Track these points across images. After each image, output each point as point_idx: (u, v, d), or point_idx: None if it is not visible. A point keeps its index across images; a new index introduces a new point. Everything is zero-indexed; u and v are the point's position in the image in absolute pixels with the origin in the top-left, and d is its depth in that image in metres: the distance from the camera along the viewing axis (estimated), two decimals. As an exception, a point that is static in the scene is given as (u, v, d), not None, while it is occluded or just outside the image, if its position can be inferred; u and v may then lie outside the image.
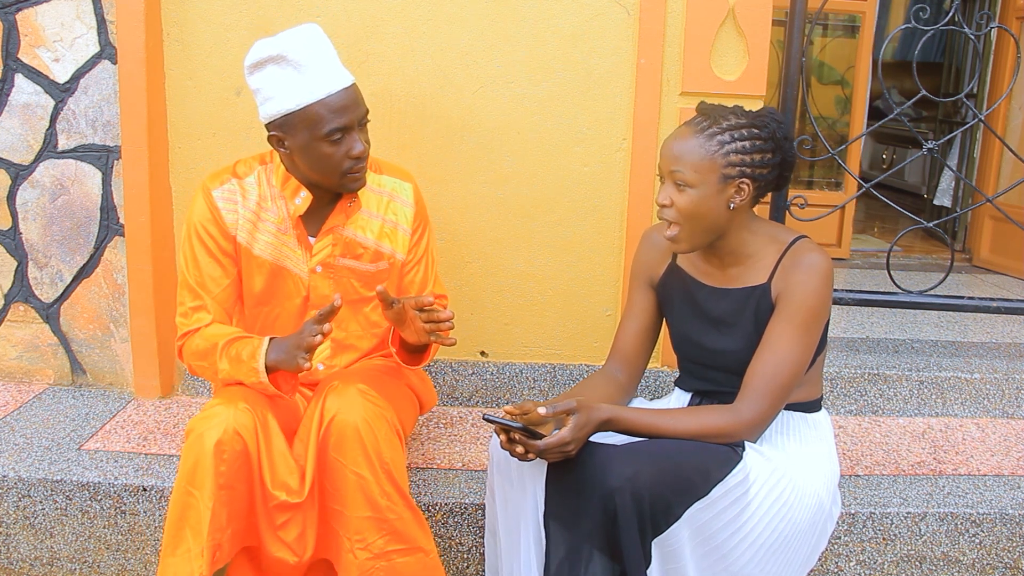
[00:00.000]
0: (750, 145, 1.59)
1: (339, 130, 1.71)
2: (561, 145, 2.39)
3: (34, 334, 2.52)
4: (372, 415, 1.66)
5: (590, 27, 2.33)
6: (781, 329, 1.61)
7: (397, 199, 1.93)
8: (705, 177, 1.59)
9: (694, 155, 1.59)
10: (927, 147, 2.70)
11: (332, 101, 1.70)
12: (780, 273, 1.65)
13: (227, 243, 1.84)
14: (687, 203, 1.61)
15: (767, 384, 1.59)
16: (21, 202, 2.43)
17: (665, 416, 1.61)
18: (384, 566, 1.66)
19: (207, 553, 1.58)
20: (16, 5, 2.32)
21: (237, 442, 1.62)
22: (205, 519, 1.58)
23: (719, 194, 1.60)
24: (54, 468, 2.07)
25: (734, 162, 1.59)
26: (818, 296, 1.60)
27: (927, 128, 5.66)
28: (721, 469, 1.54)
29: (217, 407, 1.65)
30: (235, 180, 1.86)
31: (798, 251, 1.65)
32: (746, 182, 1.60)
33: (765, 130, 1.61)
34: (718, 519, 1.54)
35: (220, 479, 1.59)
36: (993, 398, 2.58)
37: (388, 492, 1.65)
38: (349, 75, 1.76)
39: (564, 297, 2.49)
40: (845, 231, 4.24)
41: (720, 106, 1.65)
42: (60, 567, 2.07)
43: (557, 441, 1.50)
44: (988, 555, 2.07)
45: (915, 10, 2.57)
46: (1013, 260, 3.89)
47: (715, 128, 1.60)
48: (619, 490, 1.45)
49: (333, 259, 1.88)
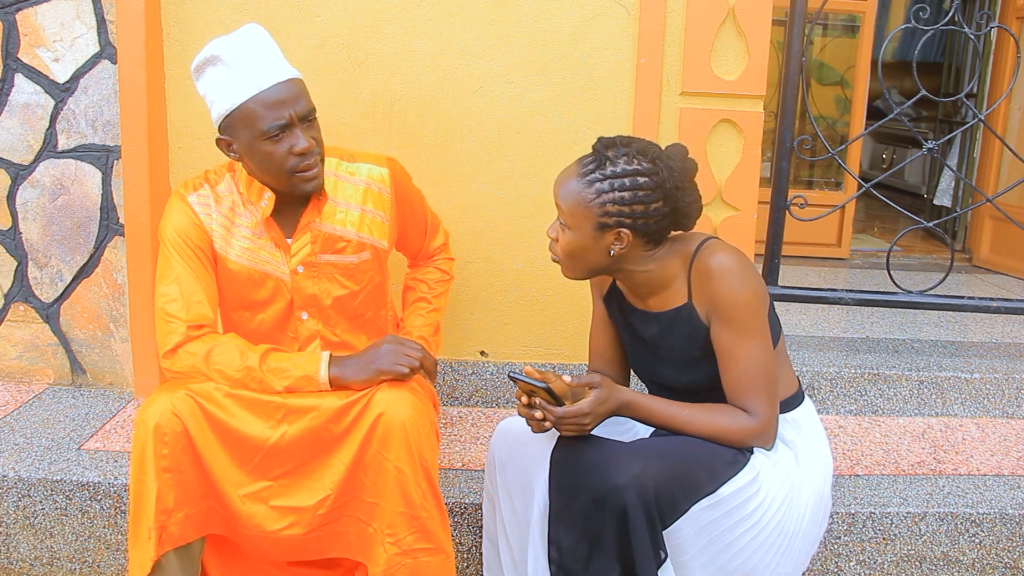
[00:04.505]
0: (630, 196, 1.52)
1: (278, 127, 1.65)
2: (561, 145, 2.39)
3: (34, 334, 2.52)
4: (419, 413, 1.66)
5: (590, 27, 2.33)
6: (730, 340, 1.57)
7: (373, 186, 1.88)
8: (580, 223, 1.55)
9: (571, 199, 1.55)
10: (927, 147, 2.70)
11: (266, 96, 1.65)
12: (696, 287, 1.60)
13: (208, 248, 1.78)
14: (565, 243, 1.58)
15: (752, 389, 1.57)
16: (21, 202, 2.43)
17: (684, 409, 1.59)
18: (409, 564, 1.65)
19: (153, 534, 1.59)
20: (16, 5, 2.32)
21: (176, 423, 1.62)
22: (150, 502, 1.59)
23: (596, 241, 1.56)
24: (54, 468, 2.07)
25: (611, 212, 1.53)
26: (744, 294, 1.55)
27: (927, 128, 5.66)
28: (729, 468, 1.54)
29: (157, 394, 1.66)
30: (208, 187, 1.81)
31: (703, 259, 1.59)
32: (625, 232, 1.55)
33: (653, 178, 1.53)
34: (727, 517, 1.54)
35: (163, 461, 1.60)
36: (993, 398, 2.58)
37: (424, 490, 1.65)
38: (290, 70, 1.70)
39: (564, 297, 2.49)
40: (845, 231, 4.24)
41: (617, 143, 1.57)
42: (60, 567, 2.07)
43: (575, 411, 1.50)
44: (988, 555, 2.07)
45: (915, 10, 2.57)
46: (1013, 260, 3.89)
47: (597, 174, 1.53)
48: (626, 487, 1.44)
49: (314, 257, 1.82)
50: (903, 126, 3.51)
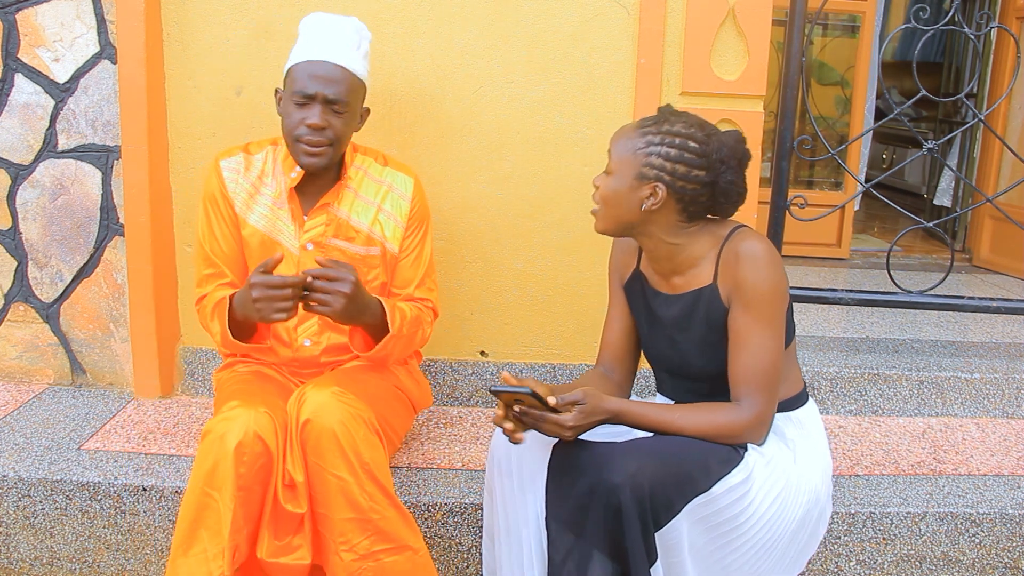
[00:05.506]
0: (676, 154, 1.59)
1: (303, 95, 1.81)
2: (561, 145, 2.39)
3: (34, 334, 2.52)
4: (348, 416, 1.66)
5: (590, 27, 2.33)
6: (745, 325, 1.59)
7: (395, 190, 1.98)
8: (623, 169, 1.62)
9: (622, 147, 1.63)
10: (927, 147, 2.70)
11: (311, 68, 1.82)
12: (723, 270, 1.63)
13: (229, 211, 1.94)
14: (604, 188, 1.65)
15: (757, 380, 1.59)
16: (21, 202, 2.43)
17: (674, 412, 1.60)
18: (372, 566, 1.66)
19: (227, 554, 1.58)
20: (16, 5, 2.32)
21: (257, 444, 1.62)
22: (226, 520, 1.58)
23: (632, 191, 1.62)
24: (54, 468, 2.07)
25: (653, 164, 1.59)
26: (768, 282, 1.58)
27: (927, 128, 5.66)
28: (723, 466, 1.54)
29: (237, 409, 1.65)
30: (243, 154, 1.97)
31: (734, 243, 1.63)
32: (661, 187, 1.59)
33: (703, 146, 1.60)
34: (718, 515, 1.54)
35: (240, 480, 1.60)
36: (993, 398, 2.58)
37: (370, 492, 1.65)
38: (345, 59, 1.85)
39: (564, 297, 2.49)
40: (845, 231, 4.24)
41: (682, 112, 1.66)
42: (60, 567, 2.07)
43: (556, 420, 1.52)
44: (988, 555, 2.07)
45: (915, 10, 2.57)
46: (1013, 260, 3.89)
47: (652, 128, 1.62)
48: (621, 486, 1.45)
49: (324, 238, 1.93)
50: (903, 126, 3.51)
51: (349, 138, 1.92)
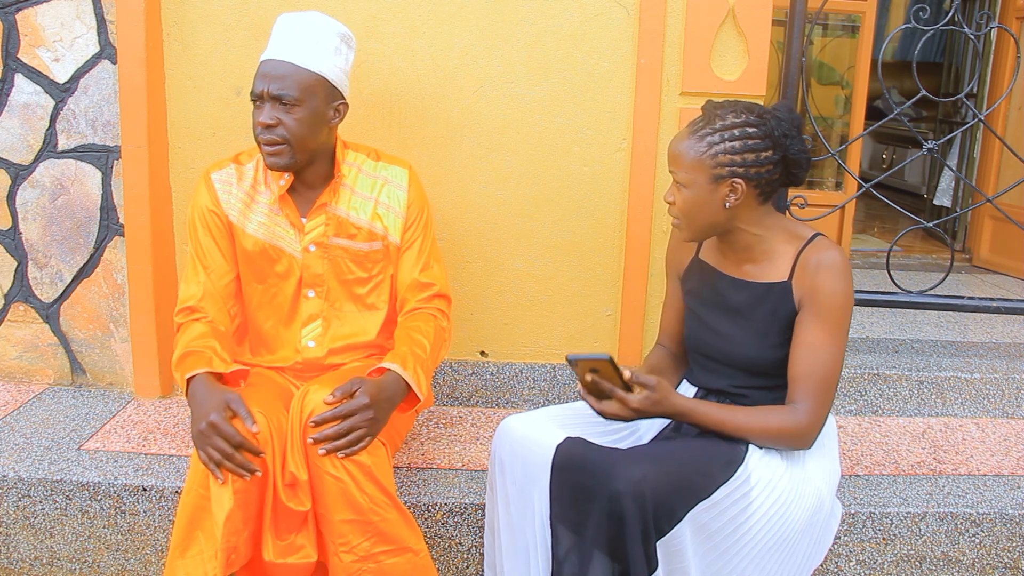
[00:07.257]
0: (740, 145, 1.59)
1: (254, 94, 1.80)
2: (561, 145, 2.39)
3: (34, 334, 2.52)
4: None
5: (590, 27, 2.33)
6: (817, 330, 1.62)
7: (391, 183, 1.98)
8: (696, 178, 1.62)
9: (686, 156, 1.62)
10: (927, 147, 2.70)
11: (262, 68, 1.80)
12: (800, 272, 1.65)
13: (223, 224, 1.92)
14: (682, 202, 1.65)
15: (816, 386, 1.61)
16: (21, 202, 2.43)
17: (737, 413, 1.62)
18: (372, 568, 1.66)
19: (221, 555, 1.58)
20: (16, 5, 2.32)
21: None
22: (220, 521, 1.58)
23: (711, 194, 1.62)
24: (54, 468, 2.07)
25: (723, 162, 1.60)
26: (844, 295, 1.62)
27: (927, 128, 5.66)
28: (724, 471, 1.55)
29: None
30: (234, 166, 1.95)
31: (817, 249, 1.65)
32: (739, 182, 1.61)
33: (762, 128, 1.61)
34: (720, 519, 1.54)
35: (236, 482, 1.60)
36: (993, 398, 2.58)
37: (370, 494, 1.65)
38: (296, 55, 1.79)
39: (564, 297, 2.49)
40: (845, 231, 4.23)
41: (724, 103, 1.65)
42: (60, 567, 2.07)
43: (623, 398, 1.55)
44: (988, 555, 2.07)
45: (915, 10, 2.57)
46: (1013, 260, 3.89)
47: (707, 129, 1.61)
48: (624, 494, 1.46)
49: (326, 238, 1.92)
50: (903, 126, 3.51)
51: (315, 136, 1.82)
